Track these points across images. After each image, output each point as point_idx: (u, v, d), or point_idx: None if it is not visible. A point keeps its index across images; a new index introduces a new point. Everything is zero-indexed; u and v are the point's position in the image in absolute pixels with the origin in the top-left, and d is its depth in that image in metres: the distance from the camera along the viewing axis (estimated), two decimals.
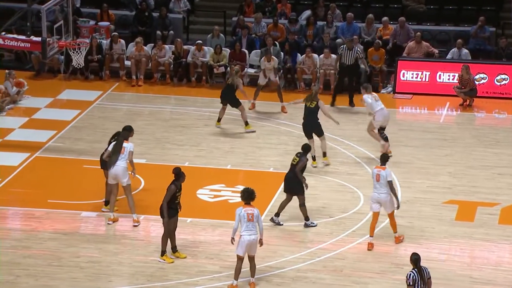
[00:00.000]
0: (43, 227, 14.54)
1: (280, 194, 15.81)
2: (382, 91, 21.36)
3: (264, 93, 21.02)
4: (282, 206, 14.76)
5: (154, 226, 14.61)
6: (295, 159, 14.72)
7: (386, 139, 17.02)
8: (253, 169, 17.01)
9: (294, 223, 14.87)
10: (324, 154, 17.01)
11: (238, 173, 16.79)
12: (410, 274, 11.05)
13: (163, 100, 20.77)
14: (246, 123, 18.52)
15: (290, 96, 21.23)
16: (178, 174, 13.48)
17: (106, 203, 15.10)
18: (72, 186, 15.98)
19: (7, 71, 19.77)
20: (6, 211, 15.12)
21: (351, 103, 20.21)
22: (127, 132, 14.67)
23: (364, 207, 15.40)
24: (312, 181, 16.08)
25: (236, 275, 12.67)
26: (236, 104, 18.50)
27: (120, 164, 14.42)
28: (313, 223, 14.71)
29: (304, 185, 14.52)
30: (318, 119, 16.80)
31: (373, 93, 17.47)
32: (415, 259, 11.10)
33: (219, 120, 18.77)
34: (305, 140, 16.53)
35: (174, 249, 13.59)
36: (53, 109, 19.88)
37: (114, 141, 14.70)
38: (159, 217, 13.73)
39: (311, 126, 16.73)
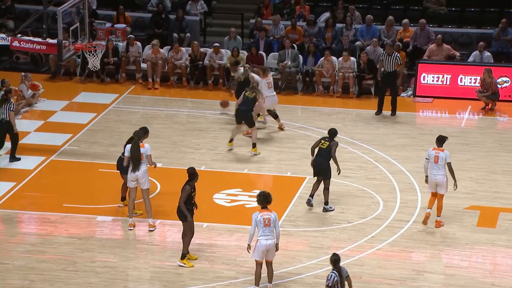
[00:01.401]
0: (58, 232, 14.59)
1: (298, 199, 15.78)
2: (402, 95, 21.28)
3: (281, 97, 21.01)
4: (315, 189, 15.29)
5: (170, 231, 14.62)
6: (325, 143, 15.12)
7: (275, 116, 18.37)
8: (270, 173, 16.99)
9: (312, 228, 14.84)
10: (254, 145, 17.43)
11: (255, 178, 16.77)
12: (332, 275, 11.32)
13: (179, 103, 20.80)
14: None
15: (308, 99, 21.22)
16: (193, 174, 13.50)
17: (123, 198, 15.13)
18: (87, 190, 16.03)
19: (23, 73, 19.88)
20: (21, 215, 15.19)
21: (393, 112, 19.87)
22: (142, 132, 14.64)
23: (383, 213, 15.34)
24: (330, 185, 16.01)
25: (257, 281, 12.65)
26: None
27: (141, 168, 14.46)
28: (332, 208, 15.10)
29: (337, 170, 15.02)
30: (252, 110, 17.40)
31: (269, 77, 18.29)
32: (334, 259, 11.39)
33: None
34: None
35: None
36: (69, 112, 19.96)
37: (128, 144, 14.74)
38: (176, 221, 13.74)
39: (245, 114, 17.26)
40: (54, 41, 17.23)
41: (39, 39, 17.58)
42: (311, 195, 15.44)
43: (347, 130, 18.92)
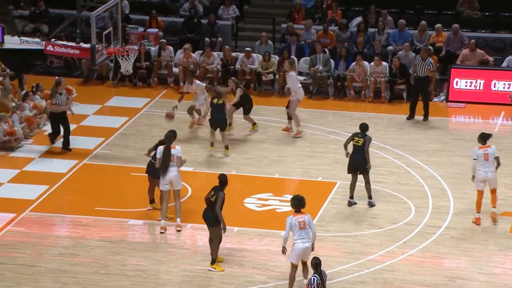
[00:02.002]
0: (90, 235, 14.72)
1: (328, 204, 15.77)
2: (434, 100, 21.17)
3: (313, 101, 21.04)
4: (353, 187, 15.44)
5: (200, 235, 14.69)
6: (359, 140, 15.32)
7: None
8: (301, 178, 16.99)
9: (342, 233, 14.81)
10: (226, 147, 17.73)
11: (286, 182, 16.79)
12: (314, 278, 11.47)
13: None
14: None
15: (339, 104, 21.18)
16: (225, 181, 13.52)
17: (151, 201, 15.26)
18: (119, 194, 16.15)
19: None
20: (53, 218, 15.34)
21: (425, 117, 19.82)
22: (172, 135, 14.75)
23: (415, 218, 15.27)
24: (362, 190, 16.02)
25: (291, 284, 12.68)
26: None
27: (174, 170, 14.55)
28: (374, 203, 15.41)
29: (367, 165, 15.29)
30: (225, 114, 17.60)
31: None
32: (315, 263, 11.56)
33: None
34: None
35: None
36: (101, 116, 20.12)
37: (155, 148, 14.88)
38: (206, 225, 13.80)
39: (220, 121, 17.43)
40: (88, 45, 17.39)
41: (73, 44, 17.75)
42: (351, 197, 15.61)
43: (378, 135, 18.85)
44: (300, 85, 18.87)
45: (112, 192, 16.23)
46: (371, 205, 15.63)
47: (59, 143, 18.17)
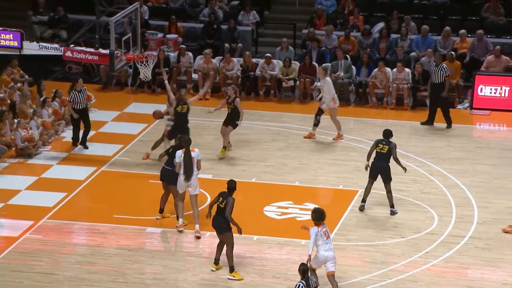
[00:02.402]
0: (108, 243, 14.75)
1: (350, 213, 15.71)
2: (458, 107, 21.05)
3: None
4: (367, 192, 15.56)
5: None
6: (384, 147, 15.32)
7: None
8: (322, 186, 16.94)
9: (364, 242, 14.75)
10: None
11: (307, 190, 16.74)
12: (299, 284, 11.57)
13: None
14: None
15: (361, 111, 21.11)
16: (234, 187, 13.62)
17: (161, 210, 15.32)
18: (137, 201, 16.18)
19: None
20: (71, 226, 15.39)
21: (449, 124, 19.68)
22: (190, 140, 14.84)
23: (438, 228, 15.17)
24: (383, 199, 15.94)
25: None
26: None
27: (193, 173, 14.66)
28: (396, 212, 15.44)
29: (403, 169, 15.43)
30: (188, 123, 17.13)
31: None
32: (303, 269, 11.69)
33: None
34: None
35: (217, 261, 13.74)
36: (120, 122, 20.18)
37: (169, 152, 15.04)
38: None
39: (186, 130, 16.88)
40: (106, 51, 17.45)
41: (92, 50, 17.82)
42: (364, 200, 15.60)
43: (401, 143, 18.77)
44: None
45: (130, 199, 16.25)
46: (393, 213, 15.58)
47: (80, 148, 18.29)
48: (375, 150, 15.51)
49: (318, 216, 12.75)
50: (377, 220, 15.48)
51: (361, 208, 15.69)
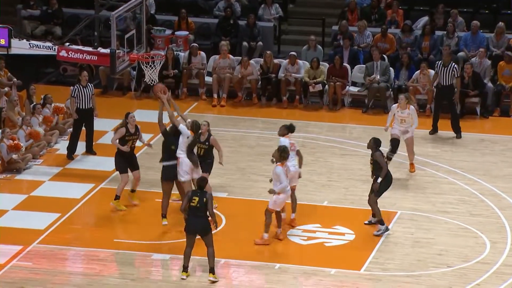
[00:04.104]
0: (109, 271, 14.83)
1: (387, 237, 15.69)
2: None
3: (368, 116, 20.99)
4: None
5: (236, 272, 14.73)
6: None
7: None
8: (354, 206, 16.96)
9: (403, 272, 14.75)
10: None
11: (336, 211, 16.77)
12: None
13: (248, 123, 20.97)
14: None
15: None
16: (205, 186, 14.37)
17: (164, 215, 15.89)
18: (142, 223, 16.25)
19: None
20: (66, 252, 15.49)
21: (457, 134, 19.81)
22: (199, 126, 16.04)
23: (490, 256, 15.14)
24: (426, 222, 15.92)
25: None
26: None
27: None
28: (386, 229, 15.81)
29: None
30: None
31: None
32: None
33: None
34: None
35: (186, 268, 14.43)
36: None
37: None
38: (242, 261, 13.78)
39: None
40: (107, 50, 17.59)
41: (90, 49, 17.96)
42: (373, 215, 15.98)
43: (446, 157, 18.75)
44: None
45: (133, 221, 16.33)
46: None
47: (76, 162, 18.41)
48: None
49: (286, 156, 15.07)
50: (419, 246, 15.47)
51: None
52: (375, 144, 16.02)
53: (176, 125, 16.12)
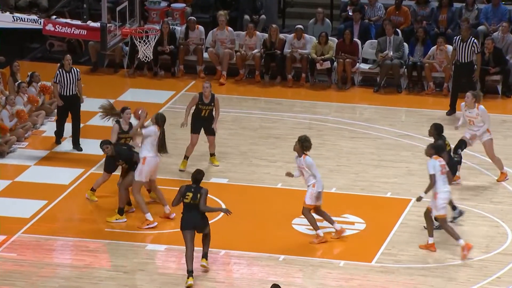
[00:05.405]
0: (99, 263, 14.87)
1: (400, 227, 15.72)
2: None
3: (381, 96, 20.98)
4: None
5: (237, 264, 14.76)
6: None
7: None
8: (365, 193, 16.98)
9: (418, 264, 14.77)
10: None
11: (345, 198, 16.79)
12: None
13: (250, 103, 20.96)
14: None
15: (414, 99, 21.10)
16: (202, 180, 14.30)
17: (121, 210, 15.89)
18: (135, 212, 16.28)
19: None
20: (53, 242, 15.52)
21: None
22: (164, 118, 16.09)
23: None
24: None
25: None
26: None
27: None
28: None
29: None
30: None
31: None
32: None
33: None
34: None
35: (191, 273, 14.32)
36: None
37: None
38: (244, 252, 13.79)
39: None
40: (97, 24, 17.56)
41: (78, 22, 17.92)
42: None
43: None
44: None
45: (126, 209, 16.34)
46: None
47: (64, 145, 18.42)
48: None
49: (309, 145, 15.07)
50: (435, 236, 15.48)
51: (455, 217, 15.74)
52: (436, 130, 15.76)
53: (139, 136, 16.15)
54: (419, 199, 15.07)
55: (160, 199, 16.04)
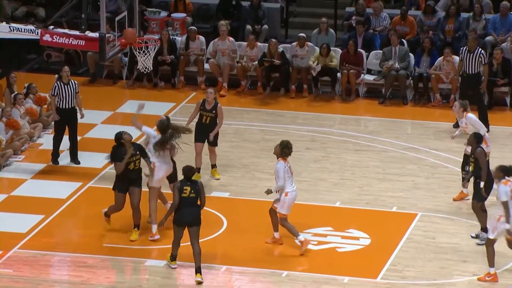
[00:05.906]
0: (97, 279, 14.87)
1: (406, 242, 15.72)
2: None
3: (386, 108, 21.00)
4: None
5: (238, 280, 14.76)
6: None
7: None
8: (370, 208, 16.98)
9: (425, 281, 14.76)
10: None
11: (350, 213, 16.79)
12: None
13: (252, 115, 20.98)
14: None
15: (420, 111, 21.10)
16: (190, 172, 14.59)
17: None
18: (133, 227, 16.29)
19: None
20: (50, 258, 15.52)
21: (486, 127, 19.74)
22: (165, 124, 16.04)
23: None
24: (450, 225, 15.90)
25: None
26: None
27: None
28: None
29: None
30: None
31: None
32: None
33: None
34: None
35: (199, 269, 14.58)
36: (112, 125, 20.29)
37: None
38: (245, 268, 13.78)
39: None
40: (95, 34, 17.61)
41: (76, 32, 17.98)
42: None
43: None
44: None
45: (124, 224, 16.36)
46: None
47: (61, 158, 18.44)
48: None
49: (288, 152, 15.19)
50: (442, 251, 15.48)
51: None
52: (475, 139, 15.64)
53: (139, 128, 16.18)
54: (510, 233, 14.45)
55: (160, 198, 16.09)
